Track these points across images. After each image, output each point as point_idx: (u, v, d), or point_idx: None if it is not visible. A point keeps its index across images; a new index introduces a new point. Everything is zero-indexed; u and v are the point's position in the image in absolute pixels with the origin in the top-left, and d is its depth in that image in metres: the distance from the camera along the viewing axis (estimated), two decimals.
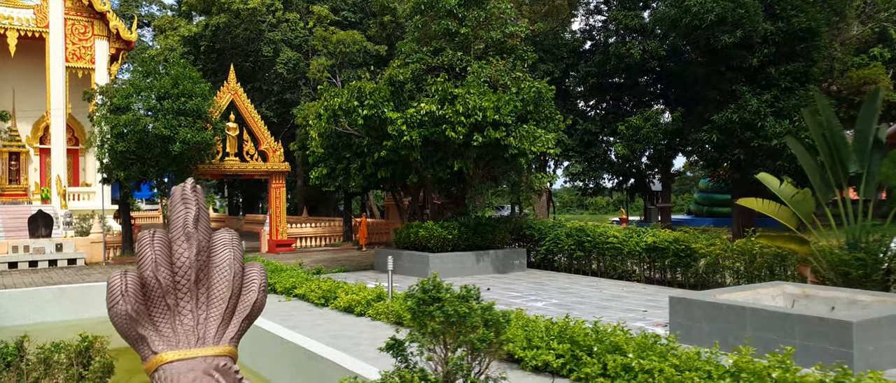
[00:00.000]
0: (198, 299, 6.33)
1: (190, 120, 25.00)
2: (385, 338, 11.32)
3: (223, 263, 6.70)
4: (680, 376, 6.87)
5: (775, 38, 25.55)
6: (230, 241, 6.45)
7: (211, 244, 6.64)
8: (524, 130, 18.69)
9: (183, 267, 6.36)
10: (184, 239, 6.37)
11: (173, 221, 6.34)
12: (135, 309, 5.96)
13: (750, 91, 25.96)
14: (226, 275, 6.65)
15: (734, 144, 26.49)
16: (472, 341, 5.32)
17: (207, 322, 6.47)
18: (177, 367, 5.78)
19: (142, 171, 25.55)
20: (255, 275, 6.61)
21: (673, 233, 18.02)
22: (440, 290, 5.70)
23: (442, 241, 20.43)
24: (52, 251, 24.27)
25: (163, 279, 6.21)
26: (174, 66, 25.91)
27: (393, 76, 19.55)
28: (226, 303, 6.54)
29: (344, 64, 33.53)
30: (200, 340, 6.21)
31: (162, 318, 6.24)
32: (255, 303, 6.49)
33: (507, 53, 21.40)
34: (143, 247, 6.33)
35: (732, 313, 9.71)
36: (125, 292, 5.88)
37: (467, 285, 6.01)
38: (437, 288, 5.74)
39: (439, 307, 5.49)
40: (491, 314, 5.55)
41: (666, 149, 32.12)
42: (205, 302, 6.49)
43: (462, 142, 18.70)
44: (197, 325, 6.35)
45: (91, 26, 38.37)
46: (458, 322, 5.39)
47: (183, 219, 6.44)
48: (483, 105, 17.83)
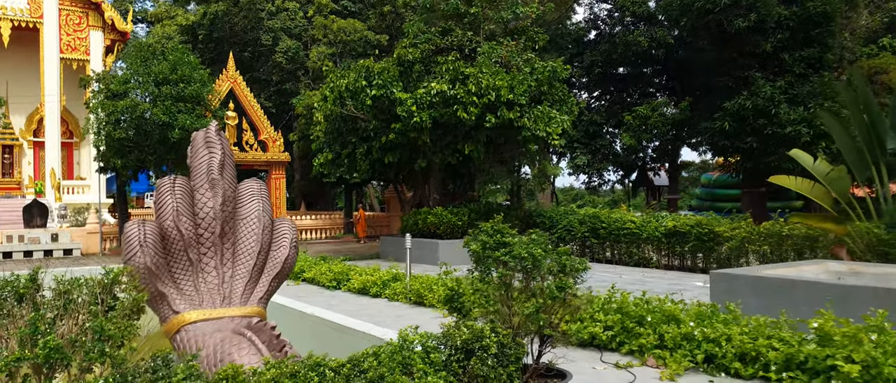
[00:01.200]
0: (223, 254, 5.53)
1: (189, 106, 24.26)
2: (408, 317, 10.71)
3: (251, 215, 5.90)
4: (753, 344, 6.20)
5: (789, 23, 24.96)
6: (258, 191, 5.66)
7: (237, 194, 5.80)
8: (539, 111, 18.03)
9: (207, 217, 5.54)
10: (208, 186, 5.54)
11: (195, 167, 5.60)
12: (154, 262, 5.14)
13: (763, 77, 25.36)
14: (254, 227, 5.87)
15: (746, 132, 25.87)
16: (549, 289, 4.65)
17: (234, 279, 5.64)
18: (201, 328, 4.87)
19: (140, 159, 24.80)
20: (286, 230, 5.82)
21: (694, 217, 17.39)
22: (505, 235, 5.04)
23: (451, 228, 19.76)
24: (47, 241, 23.51)
25: (185, 230, 5.40)
26: (173, 51, 25.18)
27: (402, 55, 18.88)
28: (254, 259, 5.72)
29: (345, 53, 32.82)
30: (226, 299, 5.36)
31: (183, 274, 5.41)
32: (287, 260, 5.69)
33: (518, 35, 20.75)
34: (163, 194, 5.53)
35: (782, 287, 9.05)
36: (143, 243, 5.10)
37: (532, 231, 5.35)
38: (502, 232, 5.07)
39: (508, 251, 4.82)
40: (568, 260, 4.88)
41: (674, 139, 31.51)
42: (230, 257, 5.67)
43: (474, 124, 18.03)
44: (222, 283, 5.50)
45: (86, 17, 37.57)
46: (532, 267, 4.72)
47: (206, 165, 5.67)
48: (497, 84, 17.18)
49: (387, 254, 21.62)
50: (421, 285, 11.59)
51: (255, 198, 6.13)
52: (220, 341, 5.08)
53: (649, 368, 6.76)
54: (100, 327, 3.08)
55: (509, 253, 4.82)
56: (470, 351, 4.16)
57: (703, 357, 6.48)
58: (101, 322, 3.13)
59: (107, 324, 3.11)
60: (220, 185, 5.87)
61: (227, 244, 5.95)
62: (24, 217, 25.32)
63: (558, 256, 4.86)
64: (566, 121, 18.31)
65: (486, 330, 4.25)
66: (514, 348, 4.38)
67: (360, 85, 18.22)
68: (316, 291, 13.65)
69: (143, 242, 5.39)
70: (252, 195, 6.12)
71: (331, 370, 3.80)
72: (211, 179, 5.86)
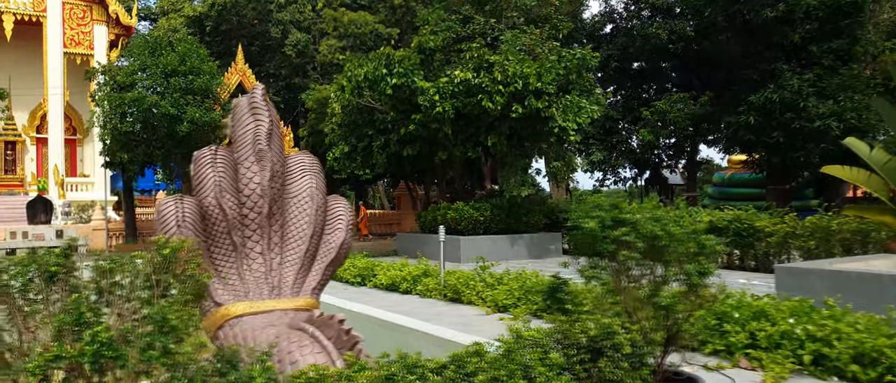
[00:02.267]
0: (270, 237, 4.39)
1: (198, 99, 23.51)
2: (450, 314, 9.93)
3: (302, 192, 4.69)
4: (873, 343, 5.40)
5: (818, 13, 24.13)
6: (310, 166, 4.53)
7: (286, 168, 4.62)
8: (567, 101, 17.23)
9: (252, 195, 4.33)
10: (254, 159, 4.32)
11: (239, 137, 4.45)
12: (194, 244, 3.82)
13: (790, 70, 24.53)
14: (306, 207, 4.66)
15: (772, 127, 25.01)
16: (691, 273, 3.87)
17: (283, 267, 4.45)
18: (249, 322, 3.66)
19: (147, 154, 24.04)
20: (341, 210, 4.70)
21: (732, 212, 16.59)
22: (623, 210, 4.25)
23: (473, 224, 18.96)
24: (52, 238, 22.72)
25: (228, 209, 4.18)
26: (181, 42, 24.40)
27: (423, 43, 18.08)
28: (306, 244, 4.54)
29: (355, 46, 32.03)
30: (275, 290, 4.18)
31: (225, 260, 4.24)
32: (342, 245, 4.55)
33: (541, 22, 19.94)
34: (203, 166, 4.33)
35: (865, 282, 8.26)
36: (181, 222, 3.96)
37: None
38: (620, 208, 4.28)
39: (631, 230, 4.03)
40: (707, 238, 4.09)
41: (694, 134, 30.67)
42: (278, 241, 4.51)
43: (499, 114, 17.23)
44: (270, 271, 4.29)
45: (90, 11, 36.88)
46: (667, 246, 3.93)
47: (252, 134, 4.54)
48: (524, 71, 16.38)
49: (404, 251, 20.83)
50: (457, 280, 10.81)
51: (307, 172, 5.33)
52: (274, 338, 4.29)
53: (744, 370, 5.97)
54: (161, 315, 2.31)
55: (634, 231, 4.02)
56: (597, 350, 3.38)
57: (811, 358, 5.67)
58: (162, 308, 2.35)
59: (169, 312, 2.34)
60: (268, 158, 5.07)
61: (274, 226, 5.16)
62: (28, 213, 24.56)
63: (695, 234, 4.08)
64: (596, 112, 17.53)
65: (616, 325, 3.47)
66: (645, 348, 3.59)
67: (380, 73, 17.43)
68: (340, 287, 12.86)
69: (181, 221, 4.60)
70: (303, 169, 5.33)
71: (431, 371, 3.01)
72: (257, 150, 5.07)
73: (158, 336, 2.29)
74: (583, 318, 3.71)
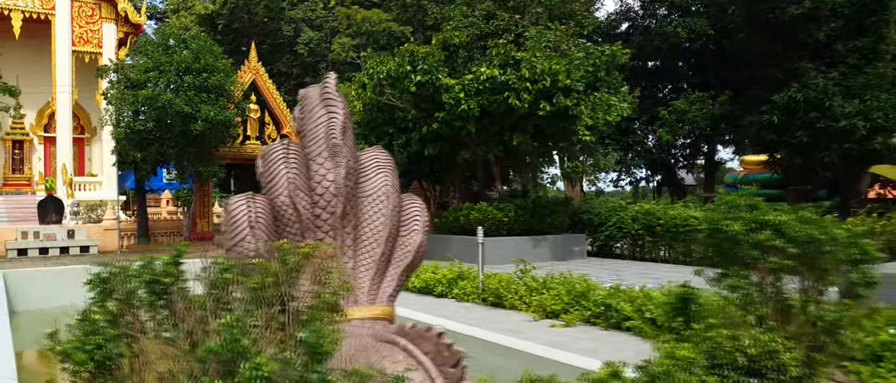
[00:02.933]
0: (343, 240, 3.83)
1: (212, 97, 23.05)
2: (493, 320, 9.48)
3: (377, 191, 4.14)
4: None
5: (844, 11, 23.69)
6: (385, 162, 3.95)
7: (359, 165, 4.07)
8: (596, 98, 16.78)
9: (325, 193, 3.81)
10: (327, 154, 3.84)
11: (310, 131, 3.88)
12: (268, 249, 3.47)
13: (815, 69, 24.07)
14: (381, 207, 4.11)
15: (796, 126, 24.56)
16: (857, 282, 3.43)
17: (356, 272, 3.90)
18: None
19: (160, 152, 23.59)
20: (416, 211, 4.14)
21: None
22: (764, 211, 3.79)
23: (497, 224, 18.51)
24: (63, 238, 22.31)
25: (302, 208, 3.70)
26: (195, 39, 23.96)
27: (447, 39, 17.64)
28: (381, 247, 3.97)
29: (368, 44, 31.59)
30: (350, 297, 3.63)
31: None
32: (419, 248, 3.99)
33: (566, 19, 19.50)
34: (274, 162, 3.84)
35: None
36: (255, 223, 3.51)
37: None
38: (758, 206, 3.82)
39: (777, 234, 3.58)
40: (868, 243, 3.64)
41: (713, 134, 30.21)
42: (351, 244, 3.95)
43: (526, 112, 16.78)
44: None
45: (98, 9, 36.38)
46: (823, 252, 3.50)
47: (325, 127, 3.98)
48: (553, 68, 15.93)
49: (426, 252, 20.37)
50: (499, 284, 10.37)
51: (382, 170, 4.89)
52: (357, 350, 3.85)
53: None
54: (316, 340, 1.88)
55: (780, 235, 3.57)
56: (757, 372, 2.94)
57: None
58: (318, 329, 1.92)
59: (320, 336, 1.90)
60: (344, 153, 4.62)
61: (347, 228, 4.70)
62: (39, 213, 24.13)
63: (855, 238, 3.63)
64: (625, 110, 17.11)
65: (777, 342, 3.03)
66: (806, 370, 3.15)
67: (404, 70, 16.99)
68: None
69: (255, 223, 4.15)
70: (378, 166, 4.88)
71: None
72: (331, 145, 4.62)
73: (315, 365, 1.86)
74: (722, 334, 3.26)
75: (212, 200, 28.80)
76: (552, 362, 6.56)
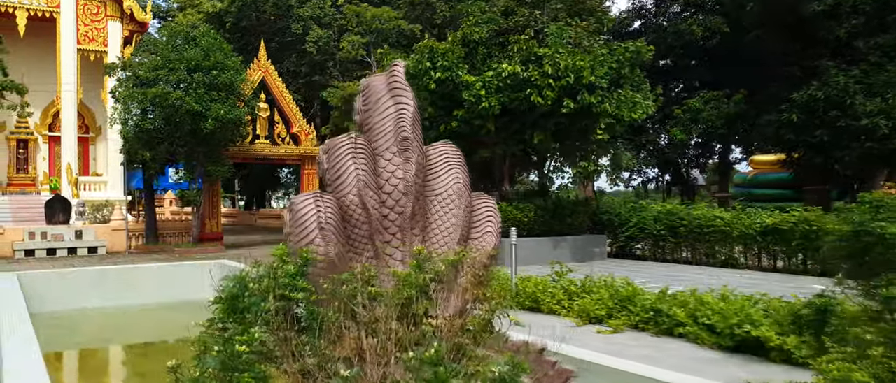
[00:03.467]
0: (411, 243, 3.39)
1: (222, 95, 22.64)
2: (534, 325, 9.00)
3: (447, 190, 3.70)
4: None
5: (865, 7, 23.29)
6: (454, 158, 3.54)
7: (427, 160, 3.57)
8: (621, 95, 16.37)
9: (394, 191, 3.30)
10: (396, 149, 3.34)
11: (377, 124, 3.51)
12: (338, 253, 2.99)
13: (835, 66, 23.66)
14: (452, 208, 3.70)
15: (815, 125, 24.15)
16: None
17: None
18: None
19: (169, 152, 23.18)
20: (489, 210, 3.73)
21: (796, 213, 15.74)
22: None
23: (517, 225, 18.05)
24: (71, 238, 21.89)
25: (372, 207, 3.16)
26: (205, 36, 23.55)
27: (467, 35, 17.22)
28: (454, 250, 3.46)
29: (378, 42, 31.18)
30: None
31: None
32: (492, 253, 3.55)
33: (585, 15, 19.10)
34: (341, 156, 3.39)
35: None
36: (324, 224, 3.04)
37: None
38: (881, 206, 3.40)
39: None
40: None
41: (728, 133, 29.78)
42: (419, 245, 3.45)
43: (548, 110, 16.37)
44: None
45: (104, 7, 35.98)
46: None
47: (394, 120, 3.63)
48: (577, 64, 15.51)
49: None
50: (535, 287, 9.95)
51: (452, 166, 4.48)
52: None
53: None
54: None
55: None
56: None
57: None
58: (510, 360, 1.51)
59: None
60: (414, 148, 4.20)
61: (414, 229, 4.28)
62: (46, 213, 23.71)
63: None
64: (650, 107, 16.69)
65: None
66: None
67: (423, 67, 16.59)
68: None
69: (324, 224, 3.73)
70: (447, 162, 4.47)
71: None
72: (401, 139, 4.20)
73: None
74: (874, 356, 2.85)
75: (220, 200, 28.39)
76: (610, 370, 6.14)
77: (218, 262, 14.37)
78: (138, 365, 8.87)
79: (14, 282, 10.83)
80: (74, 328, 11.00)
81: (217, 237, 25.47)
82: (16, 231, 21.98)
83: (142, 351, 9.78)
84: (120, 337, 10.78)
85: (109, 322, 11.58)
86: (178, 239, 25.90)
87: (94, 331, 11.13)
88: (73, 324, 11.06)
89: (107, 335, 10.87)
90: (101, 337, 10.78)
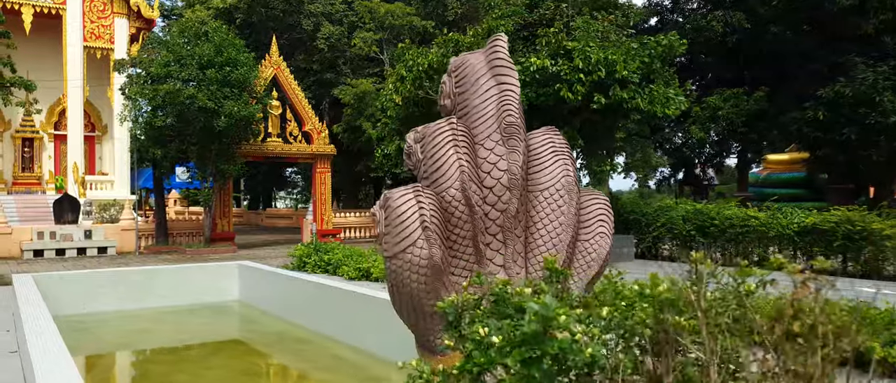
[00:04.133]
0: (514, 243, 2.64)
1: (235, 92, 22.10)
2: None
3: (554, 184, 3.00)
4: None
5: (893, 2, 22.73)
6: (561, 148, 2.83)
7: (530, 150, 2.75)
8: (653, 91, 15.81)
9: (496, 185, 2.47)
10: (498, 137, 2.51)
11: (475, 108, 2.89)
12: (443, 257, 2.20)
13: (863, 62, 23.11)
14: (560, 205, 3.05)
15: (842, 123, 23.60)
16: None
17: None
18: None
19: (181, 150, 22.65)
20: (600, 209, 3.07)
21: (839, 212, 15.18)
22: None
23: None
24: (80, 238, 21.35)
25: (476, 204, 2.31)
26: (217, 32, 23.01)
27: (492, 28, 16.66)
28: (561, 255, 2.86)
29: (390, 39, 30.65)
30: None
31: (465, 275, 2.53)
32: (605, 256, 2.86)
33: (611, 9, 18.55)
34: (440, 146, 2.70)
35: None
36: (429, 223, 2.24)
37: None
38: None
39: None
40: None
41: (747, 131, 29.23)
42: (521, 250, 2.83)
43: (578, 105, 15.81)
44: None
45: (110, 4, 35.45)
46: None
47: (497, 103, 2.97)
48: (610, 59, 14.95)
49: None
50: None
51: (559, 157, 3.88)
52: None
53: None
54: None
55: None
56: None
57: None
58: None
59: None
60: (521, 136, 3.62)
61: (517, 229, 3.70)
62: (55, 212, 23.17)
63: None
64: (684, 103, 16.13)
65: None
66: None
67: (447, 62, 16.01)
68: None
69: (428, 224, 3.16)
70: (553, 152, 3.88)
71: None
72: (506, 125, 3.63)
73: None
74: None
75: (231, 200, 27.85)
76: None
77: (239, 264, 13.83)
78: (163, 372, 8.34)
79: (31, 284, 10.30)
80: (93, 332, 10.46)
81: (229, 237, 24.92)
82: (24, 230, 21.43)
83: (168, 358, 9.26)
84: (142, 342, 10.25)
85: (121, 325, 11.06)
86: (188, 239, 25.36)
87: (114, 336, 10.61)
88: (92, 328, 10.53)
89: (128, 340, 10.34)
90: (123, 343, 10.26)
